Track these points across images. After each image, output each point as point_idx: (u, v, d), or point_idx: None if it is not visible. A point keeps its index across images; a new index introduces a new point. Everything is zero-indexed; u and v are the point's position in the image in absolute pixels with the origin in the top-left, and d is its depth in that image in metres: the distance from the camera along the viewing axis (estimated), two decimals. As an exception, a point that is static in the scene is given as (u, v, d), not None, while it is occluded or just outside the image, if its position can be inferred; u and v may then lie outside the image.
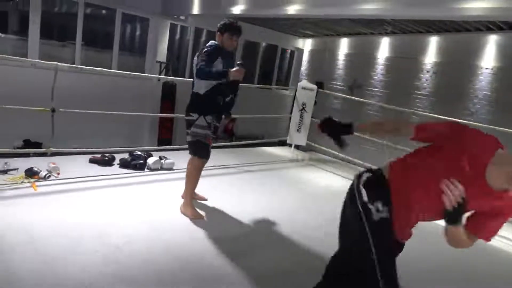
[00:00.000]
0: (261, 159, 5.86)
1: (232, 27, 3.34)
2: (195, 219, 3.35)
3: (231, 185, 4.57)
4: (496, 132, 6.83)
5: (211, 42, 3.36)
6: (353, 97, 8.14)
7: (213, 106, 3.34)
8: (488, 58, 7.62)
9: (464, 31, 7.77)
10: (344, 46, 10.12)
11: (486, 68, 7.67)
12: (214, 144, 6.14)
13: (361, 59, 9.66)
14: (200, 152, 3.40)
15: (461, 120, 6.77)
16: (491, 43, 7.57)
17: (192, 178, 3.46)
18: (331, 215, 3.92)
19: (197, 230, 3.21)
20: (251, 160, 5.72)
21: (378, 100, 9.04)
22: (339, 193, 2.51)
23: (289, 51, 11.23)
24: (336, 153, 6.51)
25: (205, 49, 3.26)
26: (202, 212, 3.47)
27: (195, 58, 3.31)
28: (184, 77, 9.06)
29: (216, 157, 5.41)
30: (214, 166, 5.00)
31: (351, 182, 1.92)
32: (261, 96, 9.21)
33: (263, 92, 9.67)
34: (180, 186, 3.98)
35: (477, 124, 7.07)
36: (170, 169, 4.71)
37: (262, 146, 6.84)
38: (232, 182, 4.68)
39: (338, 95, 8.73)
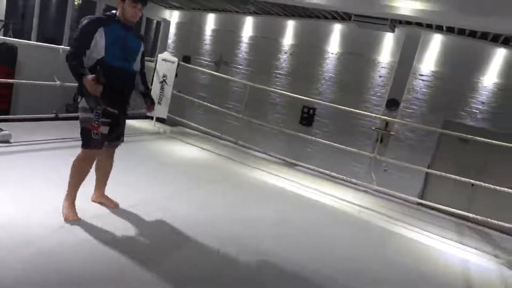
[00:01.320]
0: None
1: None
2: (67, 220, 2.77)
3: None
4: (337, 110, 7.92)
5: (114, 11, 2.78)
6: (218, 74, 8.33)
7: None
8: (334, 44, 8.66)
9: (315, 17, 8.64)
10: (211, 21, 10.19)
11: (332, 53, 8.72)
12: (65, 115, 5.65)
13: (227, 36, 9.90)
14: (83, 140, 2.79)
15: (311, 99, 7.64)
16: (336, 31, 8.60)
17: (74, 172, 2.81)
18: (196, 189, 4.08)
19: (66, 230, 2.85)
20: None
21: (242, 77, 9.45)
22: (201, 164, 2.62)
23: (155, 21, 10.78)
24: (197, 126, 6.66)
25: (82, 23, 2.66)
26: (79, 214, 2.84)
27: None
28: (30, 40, 7.92)
29: (69, 129, 4.99)
30: (63, 138, 4.61)
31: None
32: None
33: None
34: (22, 161, 3.58)
35: (324, 102, 8.08)
36: (7, 141, 4.15)
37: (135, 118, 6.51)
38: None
39: (203, 70, 8.81)
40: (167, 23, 10.75)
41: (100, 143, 2.80)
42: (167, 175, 4.38)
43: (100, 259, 2.47)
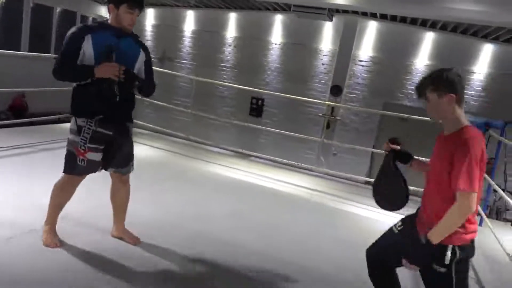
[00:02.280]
0: (64, 136, 5.34)
1: None
2: (47, 246, 2.57)
3: (32, 168, 4.03)
4: (285, 99, 8.11)
5: (105, 18, 2.48)
6: (162, 70, 8.16)
7: (86, 103, 2.44)
8: (276, 34, 8.81)
9: (256, 9, 8.73)
10: (150, 16, 9.93)
11: (276, 44, 8.88)
12: (2, 122, 5.29)
13: (169, 31, 9.71)
14: (65, 164, 2.53)
15: (259, 90, 7.73)
16: (278, 22, 8.76)
17: (53, 196, 2.59)
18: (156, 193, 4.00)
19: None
20: (54, 137, 5.16)
21: (187, 72, 9.35)
22: (153, 162, 2.62)
23: (90, 18, 10.28)
24: (147, 124, 6.53)
25: (68, 33, 2.40)
26: (58, 240, 2.62)
27: None
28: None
29: (5, 138, 4.68)
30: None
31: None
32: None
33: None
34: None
35: (272, 92, 8.23)
36: None
37: (65, 122, 6.21)
38: (32, 165, 4.13)
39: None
40: (103, 20, 10.31)
41: (86, 170, 2.53)
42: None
43: (58, 263, 2.39)
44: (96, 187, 3.02)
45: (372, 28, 8.06)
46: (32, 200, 3.17)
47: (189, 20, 9.51)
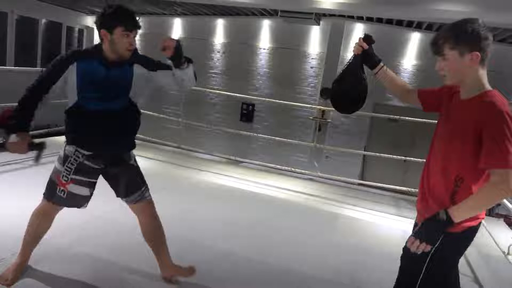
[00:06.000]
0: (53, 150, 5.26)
1: (125, 16, 2.07)
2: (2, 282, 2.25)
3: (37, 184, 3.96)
4: (275, 104, 8.12)
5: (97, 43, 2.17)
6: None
7: (75, 131, 2.19)
8: (264, 39, 8.84)
9: (244, 15, 8.75)
10: (138, 25, 9.89)
11: (264, 49, 8.90)
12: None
13: (157, 39, 9.67)
14: (46, 189, 2.28)
15: (249, 96, 7.73)
16: (265, 27, 8.78)
17: (29, 226, 2.32)
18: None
19: None
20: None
21: (177, 80, 9.31)
22: (144, 173, 2.62)
23: (76, 29, 10.22)
24: (141, 136, 6.45)
25: (56, 57, 2.13)
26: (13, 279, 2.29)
27: None
28: None
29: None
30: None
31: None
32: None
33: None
34: None
35: (260, 98, 8.23)
36: None
37: (53, 136, 6.13)
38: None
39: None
40: (91, 30, 10.25)
41: (66, 203, 2.27)
42: (108, 189, 4.20)
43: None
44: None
45: (358, 30, 8.12)
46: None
47: (177, 28, 9.49)
